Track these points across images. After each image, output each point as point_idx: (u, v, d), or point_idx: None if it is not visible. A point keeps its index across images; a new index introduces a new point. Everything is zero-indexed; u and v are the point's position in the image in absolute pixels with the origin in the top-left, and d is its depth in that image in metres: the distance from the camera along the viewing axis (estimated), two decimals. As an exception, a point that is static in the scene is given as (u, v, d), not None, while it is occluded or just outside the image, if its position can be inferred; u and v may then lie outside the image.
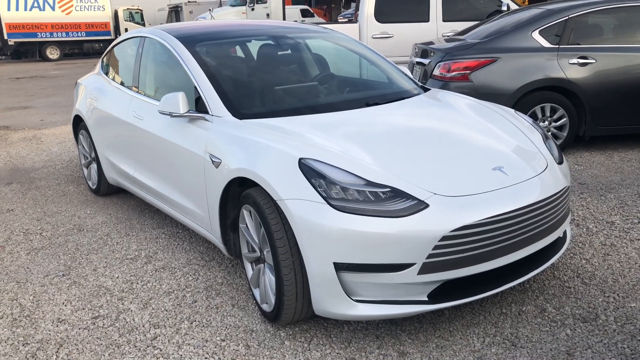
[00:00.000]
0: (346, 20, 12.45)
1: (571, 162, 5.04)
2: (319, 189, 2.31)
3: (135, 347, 2.52)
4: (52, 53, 24.18)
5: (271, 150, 2.57)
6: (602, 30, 5.41)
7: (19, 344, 2.58)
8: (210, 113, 3.03)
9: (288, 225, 2.36)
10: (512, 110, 3.34)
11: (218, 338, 2.55)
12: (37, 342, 2.58)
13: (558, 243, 2.77)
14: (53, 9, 23.91)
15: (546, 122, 5.22)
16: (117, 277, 3.20)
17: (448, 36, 6.74)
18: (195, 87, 3.19)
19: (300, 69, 3.91)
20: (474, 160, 2.59)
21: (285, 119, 2.92)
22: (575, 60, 5.08)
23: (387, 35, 8.02)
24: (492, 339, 2.44)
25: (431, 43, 6.05)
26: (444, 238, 2.21)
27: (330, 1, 28.72)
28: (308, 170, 2.38)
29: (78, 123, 4.83)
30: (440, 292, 2.33)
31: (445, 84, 5.17)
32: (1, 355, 2.49)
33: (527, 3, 19.42)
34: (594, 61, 5.07)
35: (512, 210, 2.33)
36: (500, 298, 2.75)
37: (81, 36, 24.61)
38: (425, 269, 2.23)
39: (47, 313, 2.84)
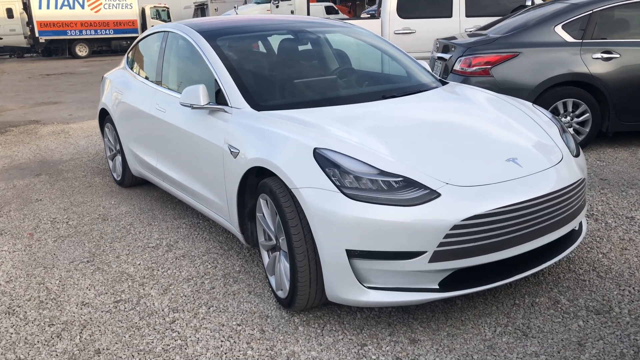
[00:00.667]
0: (369, 16, 12.45)
1: (593, 158, 4.99)
2: (332, 178, 2.36)
3: (155, 329, 2.61)
4: (81, 50, 24.71)
5: (287, 140, 2.63)
6: (627, 25, 5.32)
7: (45, 324, 2.70)
8: (229, 105, 3.10)
9: (302, 214, 2.42)
10: (530, 104, 3.33)
11: (234, 323, 2.62)
12: (62, 323, 2.70)
13: (573, 235, 2.77)
14: (82, 7, 24.42)
15: (568, 118, 5.17)
16: (139, 264, 3.30)
17: (470, 31, 6.71)
18: (215, 79, 3.27)
19: (319, 62, 3.96)
20: (488, 152, 2.61)
21: (303, 110, 2.98)
22: (599, 55, 5.01)
23: (410, 31, 8.01)
24: (503, 328, 2.46)
25: (453, 38, 6.04)
26: (455, 227, 2.24)
27: (355, -2, 28.68)
28: (322, 159, 2.43)
29: (104, 116, 4.97)
30: (451, 281, 2.36)
31: (465, 78, 5.16)
32: (28, 335, 2.61)
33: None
34: (618, 56, 5.00)
35: (525, 201, 2.34)
36: (513, 289, 2.76)
37: (109, 34, 25.09)
38: (437, 257, 2.27)
39: (71, 296, 2.95)
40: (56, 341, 2.55)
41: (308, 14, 16.04)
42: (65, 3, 24.12)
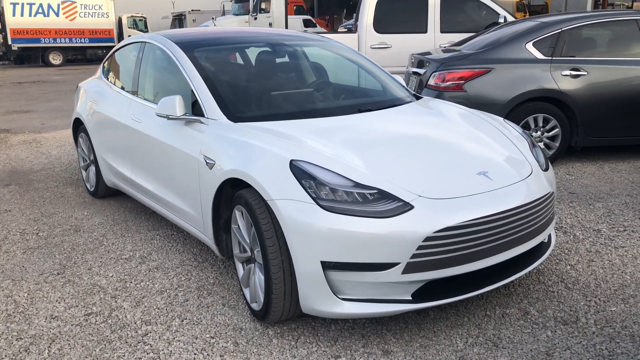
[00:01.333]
0: (346, 30, 12.59)
1: (563, 172, 5.12)
2: (308, 190, 2.38)
3: (127, 342, 2.57)
4: (55, 59, 24.35)
5: (263, 152, 2.64)
6: (595, 43, 5.51)
7: (12, 338, 2.64)
8: (206, 116, 3.11)
9: (278, 225, 2.43)
10: (501, 119, 3.42)
11: (208, 335, 2.61)
12: (30, 337, 2.64)
13: (542, 247, 2.84)
14: (57, 15, 24.13)
15: (539, 133, 5.30)
16: (112, 276, 3.26)
17: (445, 47, 6.84)
18: (192, 90, 3.27)
19: (296, 75, 3.99)
20: (460, 165, 2.67)
21: (279, 122, 3.00)
22: (567, 72, 5.17)
23: (386, 46, 8.13)
24: (474, 339, 2.50)
25: (428, 53, 6.15)
26: (428, 239, 2.28)
27: (333, 11, 28.97)
28: (299, 171, 2.45)
29: (78, 126, 4.91)
30: (424, 292, 2.39)
31: (439, 93, 5.26)
32: (-5, 348, 2.55)
33: (527, 16, 19.60)
34: (586, 73, 5.16)
35: (495, 213, 2.40)
36: (484, 301, 2.81)
37: (84, 42, 24.80)
38: (410, 268, 2.30)
39: (40, 310, 2.90)
40: (24, 355, 2.50)
41: (286, 26, 16.13)
42: (40, 10, 23.80)
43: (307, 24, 23.60)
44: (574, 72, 5.16)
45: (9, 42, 23.37)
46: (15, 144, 7.15)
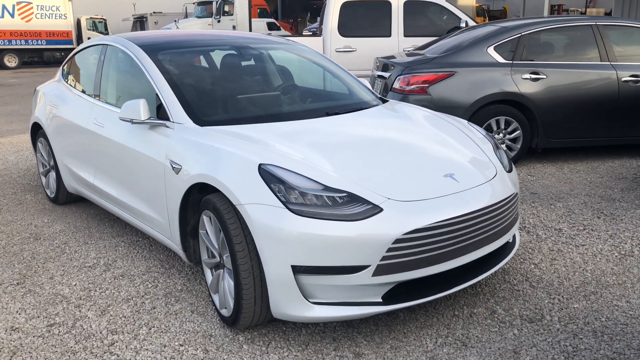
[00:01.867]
0: (310, 33, 12.63)
1: (524, 173, 5.25)
2: (278, 194, 2.37)
3: (92, 353, 2.50)
4: (10, 61, 23.53)
5: (231, 156, 2.62)
6: (553, 48, 5.69)
7: (-30, 352, 2.53)
8: (171, 120, 3.06)
9: (247, 230, 2.41)
10: (465, 121, 3.48)
11: (176, 343, 2.56)
12: (-11, 350, 2.54)
13: (507, 247, 2.90)
14: (12, 15, 23.32)
15: (501, 135, 5.43)
16: (75, 285, 3.16)
17: (408, 51, 6.94)
18: (156, 94, 3.21)
19: (262, 78, 3.97)
20: (427, 168, 2.70)
21: (247, 126, 2.97)
22: (527, 76, 5.31)
23: (350, 49, 8.19)
24: (444, 339, 2.53)
25: (392, 57, 6.22)
26: (397, 241, 2.30)
27: (297, 15, 29.00)
28: (268, 175, 2.44)
29: (36, 131, 4.76)
30: (394, 294, 2.41)
31: (404, 96, 5.32)
32: (-49, 364, 2.44)
33: (487, 20, 20.08)
34: (545, 77, 5.32)
35: (462, 215, 2.44)
36: (452, 301, 2.85)
37: (41, 44, 24.05)
38: (380, 270, 2.31)
39: (0, 321, 2.79)
40: (-17, 370, 2.40)
41: (250, 29, 16.05)
42: (-7, 11, 22.98)
43: (271, 27, 23.56)
44: (533, 76, 5.31)
45: (-39, 44, 22.48)
46: (-31, 149, 6.87)
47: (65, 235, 3.93)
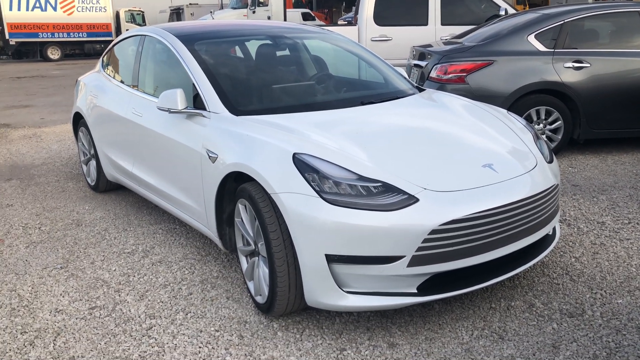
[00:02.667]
0: (346, 23, 12.54)
1: (565, 164, 5.11)
2: (312, 183, 2.37)
3: (131, 336, 2.57)
4: (53, 53, 24.26)
5: (266, 145, 2.63)
6: (597, 35, 5.49)
7: (17, 332, 2.63)
8: (207, 109, 3.09)
9: (282, 218, 2.42)
10: (505, 111, 3.40)
11: (212, 328, 2.60)
12: (34, 331, 2.63)
13: (547, 240, 2.83)
14: (55, 9, 24.01)
15: (541, 125, 5.28)
16: (115, 270, 3.25)
17: (446, 39, 6.81)
18: (193, 84, 3.25)
19: (297, 68, 3.97)
20: (465, 158, 2.65)
21: (281, 116, 2.98)
22: (570, 64, 5.14)
23: (386, 38, 8.10)
24: (480, 332, 2.49)
25: (429, 46, 6.12)
26: (433, 232, 2.27)
27: (332, 4, 28.84)
28: (302, 164, 2.44)
29: (78, 120, 4.89)
30: (429, 285, 2.39)
31: (441, 86, 5.23)
32: (0, 343, 2.55)
33: (527, 8, 19.51)
34: (588, 65, 5.14)
35: (500, 206, 2.39)
36: (489, 293, 2.80)
37: (82, 37, 24.71)
38: (415, 261, 2.29)
39: (45, 303, 2.89)
40: (29, 349, 2.49)
41: (285, 19, 16.06)
42: (37, 5, 23.68)
43: (305, 17, 23.53)
44: (576, 64, 5.14)
45: (7, 37, 23.26)
46: (15, 138, 7.12)
47: (105, 222, 4.04)
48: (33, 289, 3.05)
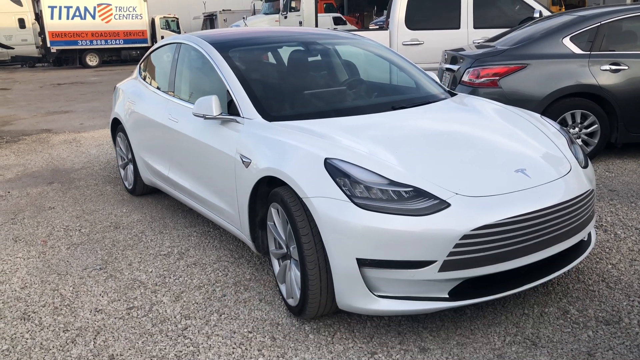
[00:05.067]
0: (377, 27, 12.54)
1: (602, 169, 5.00)
2: (343, 188, 2.40)
3: (167, 336, 2.64)
4: (92, 60, 24.98)
5: (298, 150, 2.67)
6: (635, 37, 5.35)
7: (59, 330, 2.74)
8: (241, 115, 3.16)
9: (313, 222, 2.45)
10: (538, 115, 3.37)
11: (245, 330, 2.66)
12: (76, 329, 2.74)
13: (582, 246, 2.79)
14: (93, 17, 24.74)
15: (576, 129, 5.19)
16: (151, 272, 3.34)
17: (478, 43, 6.76)
18: (227, 90, 3.33)
19: (329, 74, 4.01)
20: (497, 162, 2.64)
21: (313, 121, 3.02)
22: (607, 67, 5.04)
23: (418, 42, 8.07)
24: (512, 338, 2.48)
25: (461, 49, 6.09)
26: (465, 237, 2.27)
27: (363, 8, 28.86)
28: (333, 169, 2.47)
29: (116, 126, 5.04)
30: (461, 290, 2.38)
31: (474, 90, 5.19)
32: (43, 340, 2.66)
33: (563, 9, 19.12)
34: (626, 67, 5.02)
35: (534, 211, 2.37)
36: (522, 299, 2.78)
37: (119, 44, 25.37)
38: (446, 266, 2.29)
39: (85, 303, 3.00)
40: (71, 347, 2.60)
41: (316, 25, 16.16)
42: (77, 13, 24.43)
43: (337, 21, 23.61)
44: (613, 67, 5.03)
45: (48, 45, 24.08)
46: (56, 143, 7.38)
47: (142, 224, 4.16)
48: (74, 288, 3.17)
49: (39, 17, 24.53)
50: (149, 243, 3.80)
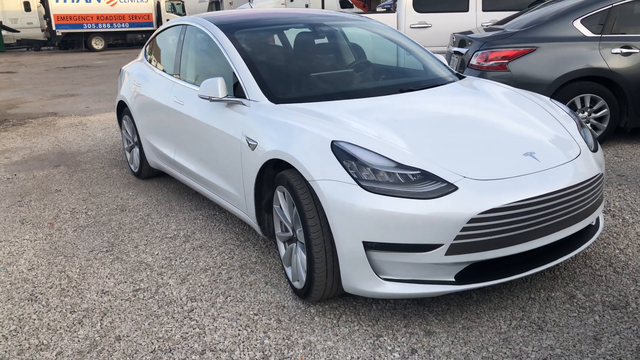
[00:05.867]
0: (384, 10, 12.41)
1: (611, 153, 4.95)
2: (350, 171, 2.38)
3: (173, 318, 2.65)
4: (97, 43, 24.92)
5: (305, 133, 2.65)
6: (648, 19, 5.26)
7: (66, 311, 2.76)
8: (247, 97, 3.13)
9: (320, 205, 2.44)
10: (548, 99, 3.32)
11: (251, 312, 2.66)
12: (83, 311, 2.76)
13: (590, 231, 2.76)
14: (99, 0, 24.61)
15: (586, 113, 5.13)
16: (157, 254, 3.35)
17: (487, 26, 6.67)
18: (233, 72, 3.30)
19: (336, 56, 3.97)
20: (506, 146, 2.61)
21: (320, 103, 2.99)
22: (618, 50, 4.96)
23: (426, 25, 7.99)
24: (518, 322, 2.47)
25: (469, 32, 6.01)
26: (472, 220, 2.25)
27: (370, -8, 28.49)
28: (340, 152, 2.45)
29: (122, 109, 5.03)
30: (467, 274, 2.37)
31: (482, 73, 5.14)
32: (51, 321, 2.68)
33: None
34: (637, 51, 4.94)
35: (542, 195, 2.34)
36: (529, 284, 2.77)
37: (125, 27, 25.26)
38: (453, 250, 2.28)
39: (92, 285, 3.01)
40: (78, 327, 2.61)
41: (323, 7, 16.00)
42: (82, -4, 24.32)
43: (343, 4, 23.35)
44: (625, 50, 4.95)
45: (53, 28, 24.02)
46: (62, 126, 7.39)
47: (148, 207, 4.16)
48: (81, 270, 3.19)
49: (44, 0, 24.42)
50: (155, 226, 3.81)
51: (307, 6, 19.44)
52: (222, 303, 2.76)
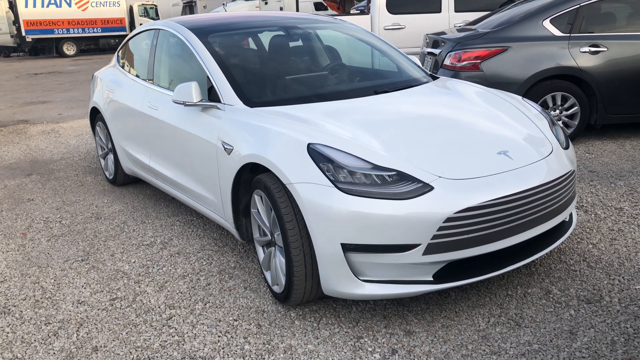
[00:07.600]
0: (358, 12, 12.47)
1: (582, 150, 5.05)
2: (327, 173, 2.39)
3: (152, 326, 2.62)
4: (69, 49, 24.51)
5: (281, 136, 2.64)
6: (614, 18, 5.39)
7: (41, 323, 2.70)
8: (222, 102, 3.11)
9: (297, 208, 2.44)
10: (520, 97, 3.38)
11: (231, 318, 2.64)
12: (58, 322, 2.70)
13: (563, 227, 2.82)
14: (69, 5, 24.23)
15: (557, 111, 5.23)
16: (134, 262, 3.31)
17: (459, 26, 6.75)
18: (207, 76, 3.27)
19: (310, 58, 3.97)
20: (479, 145, 2.65)
21: (295, 106, 2.99)
22: (586, 49, 5.07)
23: (399, 27, 8.05)
24: (497, 319, 2.50)
25: (442, 33, 6.07)
26: (449, 219, 2.27)
27: (344, -6, 28.60)
28: (316, 155, 2.45)
29: (95, 115, 4.95)
30: (445, 273, 2.39)
31: (455, 73, 5.20)
32: (25, 334, 2.61)
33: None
34: (605, 49, 5.06)
35: (516, 193, 2.38)
36: (506, 281, 2.80)
37: (97, 32, 24.91)
38: (430, 249, 2.30)
39: (67, 295, 2.96)
40: (53, 339, 2.56)
41: (297, 10, 16.01)
42: (52, 1, 23.92)
43: (318, 7, 23.41)
44: (593, 49, 5.06)
45: (23, 34, 23.54)
46: (34, 134, 7.24)
47: (124, 215, 4.10)
48: (55, 281, 3.12)
49: (12, 6, 23.93)
50: (132, 233, 3.75)
51: (281, 9, 19.44)
52: (201, 309, 2.73)
